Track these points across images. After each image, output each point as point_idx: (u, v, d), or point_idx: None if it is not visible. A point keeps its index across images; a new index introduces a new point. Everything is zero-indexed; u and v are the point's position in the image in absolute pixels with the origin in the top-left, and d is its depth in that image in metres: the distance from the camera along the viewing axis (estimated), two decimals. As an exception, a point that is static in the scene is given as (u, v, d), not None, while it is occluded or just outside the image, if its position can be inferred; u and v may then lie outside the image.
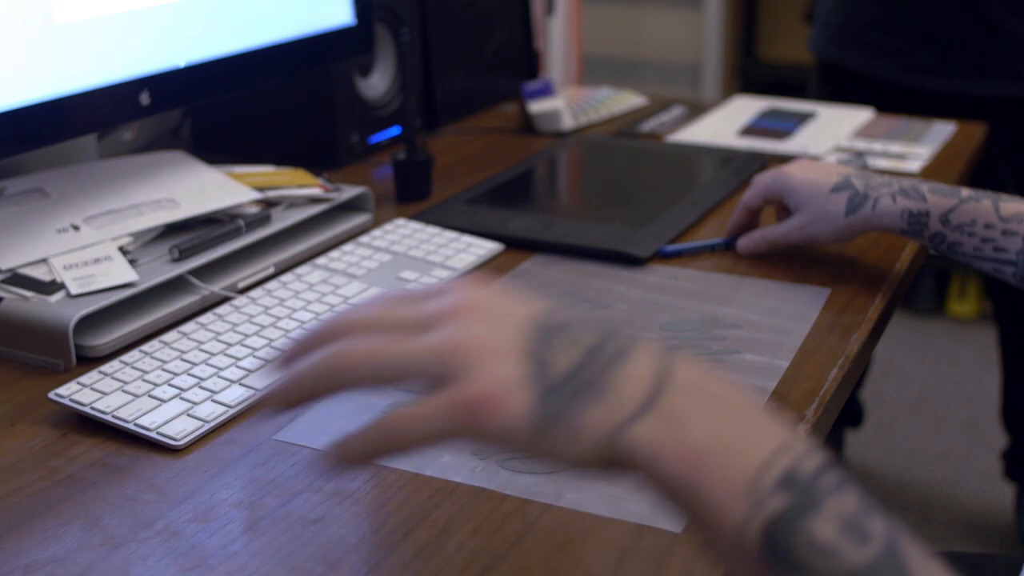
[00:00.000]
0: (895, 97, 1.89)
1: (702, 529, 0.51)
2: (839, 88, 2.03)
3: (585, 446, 0.52)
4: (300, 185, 1.23)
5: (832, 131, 1.63)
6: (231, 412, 0.88)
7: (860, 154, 1.51)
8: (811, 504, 0.49)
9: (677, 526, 0.75)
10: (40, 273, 1.02)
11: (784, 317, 1.04)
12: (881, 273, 1.14)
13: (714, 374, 0.54)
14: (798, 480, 0.50)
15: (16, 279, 1.01)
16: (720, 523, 0.50)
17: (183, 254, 1.07)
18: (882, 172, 1.34)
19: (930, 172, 1.46)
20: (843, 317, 1.05)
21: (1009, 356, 2.27)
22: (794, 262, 1.17)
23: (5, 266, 1.02)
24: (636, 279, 1.14)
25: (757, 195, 1.18)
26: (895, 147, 1.55)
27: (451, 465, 0.82)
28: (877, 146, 1.56)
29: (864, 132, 1.63)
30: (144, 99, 1.12)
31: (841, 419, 2.40)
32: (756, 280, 1.13)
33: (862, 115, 1.71)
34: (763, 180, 1.17)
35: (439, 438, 0.52)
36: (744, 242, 1.19)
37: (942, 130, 1.64)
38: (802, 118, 1.69)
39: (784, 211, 1.18)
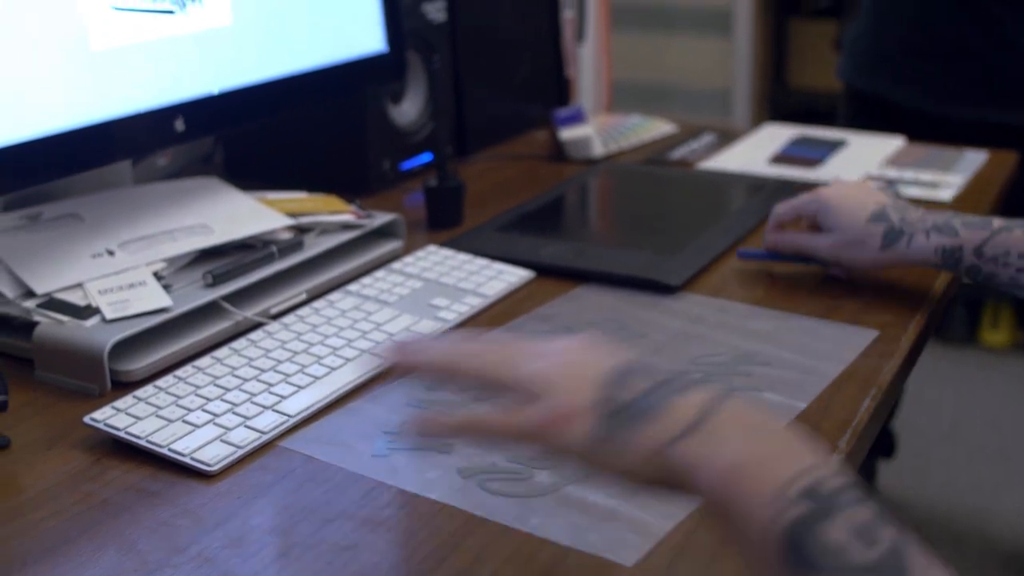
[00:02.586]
0: (925, 125, 1.88)
1: (734, 534, 0.58)
2: (869, 116, 2.03)
3: (636, 460, 0.61)
4: (332, 211, 1.24)
5: (863, 159, 1.62)
6: (264, 438, 0.88)
7: (891, 183, 1.50)
8: (827, 512, 0.55)
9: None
10: (76, 298, 1.02)
11: (818, 357, 1.02)
12: (914, 302, 1.14)
13: (760, 409, 0.61)
14: (819, 493, 0.55)
15: (52, 304, 1.02)
16: (747, 528, 0.56)
17: (216, 280, 1.08)
18: (914, 201, 1.34)
19: (962, 201, 1.46)
20: (876, 347, 1.04)
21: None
22: (832, 293, 1.16)
23: (41, 291, 1.03)
24: (670, 308, 1.14)
25: (792, 211, 1.19)
26: (926, 176, 1.55)
27: (451, 490, 0.83)
28: (908, 174, 1.55)
29: (895, 160, 1.63)
30: (179, 125, 1.13)
31: (874, 449, 2.38)
32: (798, 317, 1.12)
33: (893, 143, 1.71)
34: (799, 200, 1.18)
35: (515, 442, 0.65)
36: (773, 236, 1.20)
37: (974, 159, 1.63)
38: (833, 146, 1.69)
39: (814, 230, 1.19)
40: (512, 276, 1.20)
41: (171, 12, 1.11)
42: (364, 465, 0.86)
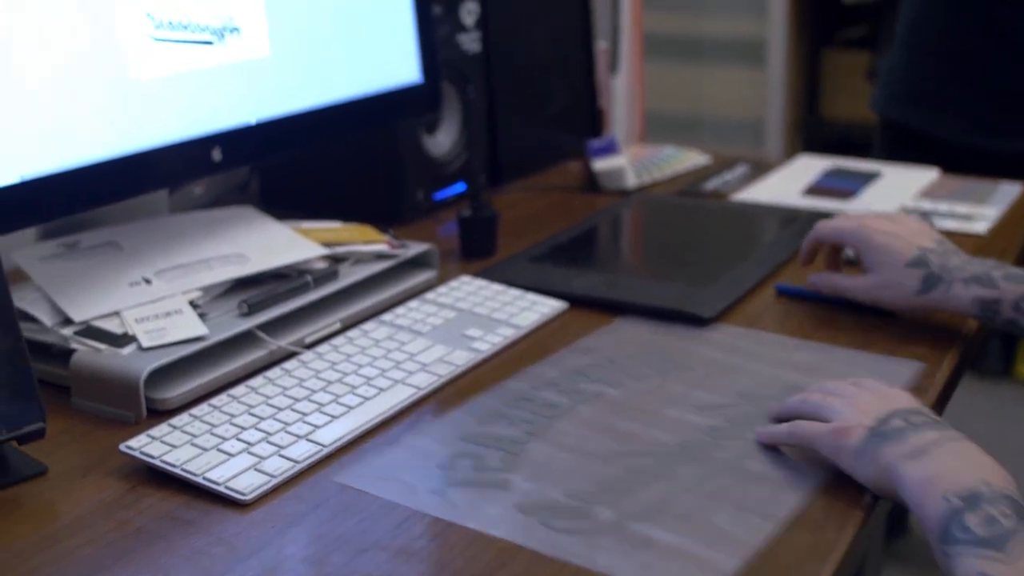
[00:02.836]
0: (960, 157, 1.87)
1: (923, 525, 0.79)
2: (903, 147, 2.02)
3: (876, 469, 0.84)
4: (367, 241, 1.24)
5: (897, 191, 1.62)
6: (298, 467, 0.89)
7: (926, 215, 1.50)
8: (975, 507, 0.76)
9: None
10: (112, 326, 1.03)
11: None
12: (950, 335, 1.13)
13: (977, 449, 0.83)
14: (978, 497, 0.76)
15: (89, 331, 1.03)
16: (924, 519, 0.79)
17: (252, 309, 1.09)
18: (948, 234, 1.33)
19: (997, 234, 1.45)
20: (912, 380, 1.04)
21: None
22: (867, 326, 1.16)
23: (79, 318, 1.04)
24: (708, 339, 1.14)
25: (834, 234, 1.19)
26: (961, 208, 1.54)
27: (514, 527, 0.82)
28: (943, 206, 1.54)
29: (930, 192, 1.62)
30: (216, 155, 1.15)
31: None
32: (837, 349, 1.12)
33: (927, 175, 1.70)
34: (844, 226, 1.18)
35: (816, 443, 0.89)
36: (813, 277, 1.21)
37: (1009, 191, 1.62)
38: (867, 178, 1.69)
39: (835, 254, 1.22)
40: (545, 307, 1.20)
41: (210, 43, 1.12)
42: (423, 502, 0.85)
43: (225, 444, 0.90)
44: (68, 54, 1.00)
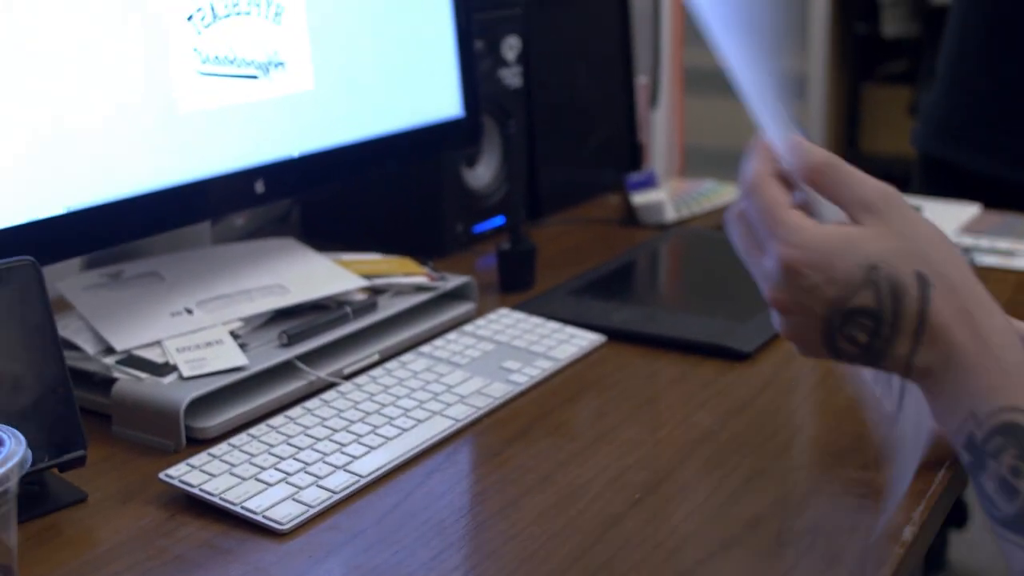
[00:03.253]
0: (1001, 192, 1.86)
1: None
2: (943, 183, 2.01)
3: None
4: (406, 273, 1.25)
5: (938, 226, 1.61)
6: (335, 497, 0.89)
7: (967, 250, 1.49)
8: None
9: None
10: (154, 355, 1.04)
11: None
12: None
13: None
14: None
15: (131, 360, 1.04)
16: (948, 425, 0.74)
17: (292, 340, 1.09)
18: (989, 270, 1.32)
19: (1040, 270, 1.44)
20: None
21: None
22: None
23: (121, 347, 1.05)
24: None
25: None
26: (1003, 244, 1.53)
27: None
28: (984, 242, 1.54)
29: (970, 228, 1.61)
30: (259, 187, 1.16)
31: (947, 520, 2.34)
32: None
33: (968, 210, 1.70)
34: None
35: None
36: None
37: (1052, 227, 1.61)
38: (908, 213, 1.68)
39: None
40: (583, 340, 1.20)
41: (255, 77, 1.14)
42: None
43: (263, 474, 0.91)
44: (119, 86, 1.02)
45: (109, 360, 1.04)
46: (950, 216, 1.67)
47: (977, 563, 2.45)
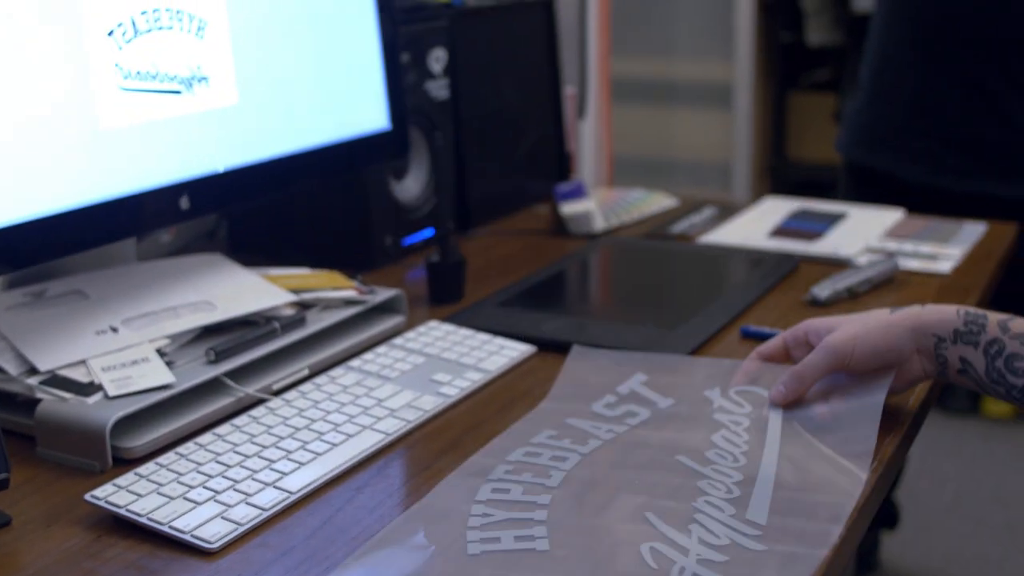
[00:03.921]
0: (924, 198, 1.90)
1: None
2: (868, 189, 2.04)
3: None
4: (335, 287, 1.25)
5: (863, 232, 1.63)
6: (265, 515, 0.88)
7: (891, 255, 1.51)
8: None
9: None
10: (79, 374, 1.03)
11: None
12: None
13: None
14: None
15: (55, 380, 1.02)
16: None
17: (219, 356, 1.08)
18: (912, 274, 1.34)
19: (962, 273, 1.47)
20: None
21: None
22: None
23: (44, 368, 1.03)
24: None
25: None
26: (926, 248, 1.56)
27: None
28: (908, 247, 1.56)
29: (894, 233, 1.64)
30: (184, 203, 1.15)
31: (877, 520, 2.37)
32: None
33: (892, 216, 1.72)
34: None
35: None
36: (775, 393, 1.06)
37: (973, 230, 1.64)
38: (833, 219, 1.70)
39: (786, 352, 1.12)
40: (513, 351, 1.20)
41: (178, 92, 1.13)
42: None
43: (192, 492, 0.90)
44: (39, 103, 1.00)
45: (32, 380, 1.02)
46: (875, 221, 1.70)
47: (909, 563, 2.49)
